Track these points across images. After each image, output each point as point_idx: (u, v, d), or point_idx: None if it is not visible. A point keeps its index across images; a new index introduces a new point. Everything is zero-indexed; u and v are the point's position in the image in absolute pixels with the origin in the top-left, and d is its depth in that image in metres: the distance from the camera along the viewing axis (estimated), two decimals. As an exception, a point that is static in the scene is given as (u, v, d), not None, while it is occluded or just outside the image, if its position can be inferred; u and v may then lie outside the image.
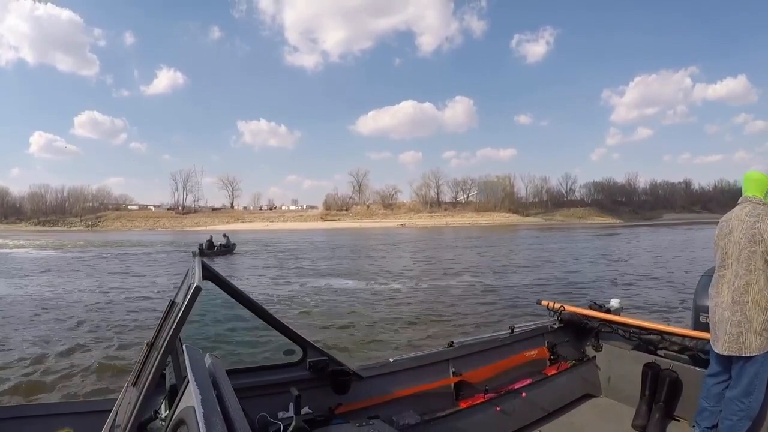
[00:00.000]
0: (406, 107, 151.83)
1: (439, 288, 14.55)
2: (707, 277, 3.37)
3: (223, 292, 2.33)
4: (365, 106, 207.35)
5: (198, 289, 1.69)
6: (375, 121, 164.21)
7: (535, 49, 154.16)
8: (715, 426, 2.94)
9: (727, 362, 2.87)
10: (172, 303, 2.02)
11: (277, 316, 2.62)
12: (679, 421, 3.52)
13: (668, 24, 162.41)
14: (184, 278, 2.12)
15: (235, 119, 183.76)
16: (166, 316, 2.01)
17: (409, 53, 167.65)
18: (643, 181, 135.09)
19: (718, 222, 3.02)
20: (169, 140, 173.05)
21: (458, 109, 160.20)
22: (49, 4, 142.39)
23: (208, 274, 2.15)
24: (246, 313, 2.48)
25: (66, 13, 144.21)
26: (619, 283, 15.14)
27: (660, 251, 27.88)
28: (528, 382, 3.72)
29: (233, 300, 2.42)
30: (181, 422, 1.37)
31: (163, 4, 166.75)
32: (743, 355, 2.70)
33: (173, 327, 1.68)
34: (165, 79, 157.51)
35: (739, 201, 2.91)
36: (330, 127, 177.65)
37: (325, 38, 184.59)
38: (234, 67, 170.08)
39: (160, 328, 1.98)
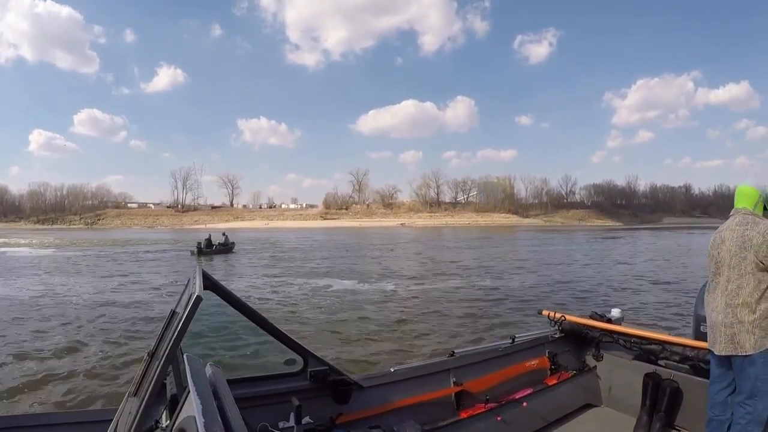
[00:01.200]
0: (407, 107, 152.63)
1: (439, 290, 14.55)
2: None
3: (223, 301, 2.32)
4: (366, 105, 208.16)
5: (199, 299, 1.69)
6: (376, 120, 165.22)
7: (538, 50, 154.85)
8: None
9: (728, 367, 2.92)
10: (173, 313, 2.02)
11: (277, 325, 2.61)
12: (679, 431, 3.52)
13: (672, 28, 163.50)
14: (185, 288, 2.13)
15: (235, 117, 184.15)
16: (167, 325, 2.01)
17: (411, 53, 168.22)
18: (643, 185, 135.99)
19: (717, 227, 3.14)
20: (169, 138, 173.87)
21: (459, 109, 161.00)
22: (48, 0, 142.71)
23: (209, 283, 2.14)
24: (247, 322, 2.47)
25: (66, 10, 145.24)
26: (620, 289, 15.13)
27: (662, 256, 27.88)
28: (529, 391, 3.72)
29: (234, 309, 2.40)
30: None
31: (163, 2, 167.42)
32: (739, 354, 2.79)
33: (174, 337, 1.68)
34: (165, 77, 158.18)
35: (731, 213, 3.05)
36: (330, 126, 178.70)
37: (327, 37, 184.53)
38: (235, 65, 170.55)
39: (161, 338, 1.98)
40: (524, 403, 3.56)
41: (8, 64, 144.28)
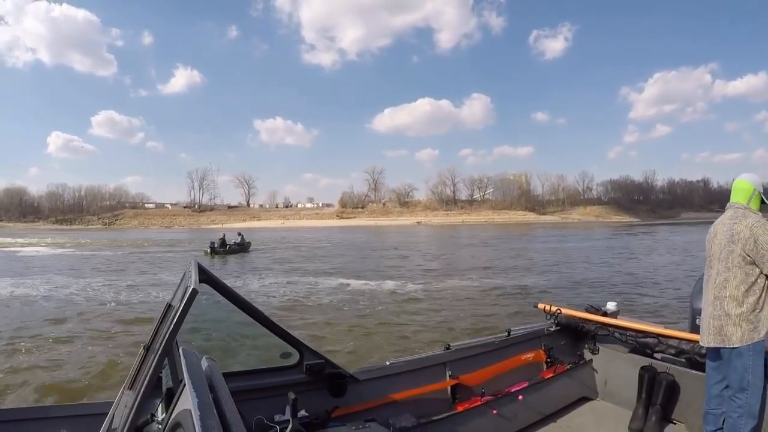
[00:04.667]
0: (423, 105, 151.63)
1: (452, 288, 14.53)
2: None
3: (219, 294, 2.34)
4: (382, 104, 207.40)
5: (194, 292, 1.72)
6: (392, 118, 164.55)
7: (554, 45, 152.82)
8: (720, 429, 2.98)
9: (720, 360, 2.95)
10: (169, 306, 2.05)
11: (273, 319, 2.63)
12: (675, 424, 3.53)
13: (689, 20, 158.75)
14: (181, 281, 2.14)
15: (251, 118, 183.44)
16: (162, 318, 2.04)
17: (427, 50, 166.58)
18: (660, 180, 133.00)
19: None
20: (185, 139, 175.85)
21: (475, 107, 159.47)
22: (64, 4, 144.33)
23: (205, 277, 2.15)
24: (243, 315, 2.48)
25: (82, 13, 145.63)
26: (630, 284, 14.98)
27: (677, 251, 27.41)
28: (525, 385, 3.73)
29: (230, 303, 2.42)
30: (177, 425, 1.39)
31: (180, 4, 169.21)
32: (727, 346, 2.83)
33: (170, 330, 1.71)
34: (182, 79, 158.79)
35: (726, 207, 3.09)
36: (346, 125, 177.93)
37: (343, 36, 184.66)
38: (251, 65, 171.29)
39: (157, 331, 2.01)
40: (520, 397, 3.58)
41: (26, 68, 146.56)
